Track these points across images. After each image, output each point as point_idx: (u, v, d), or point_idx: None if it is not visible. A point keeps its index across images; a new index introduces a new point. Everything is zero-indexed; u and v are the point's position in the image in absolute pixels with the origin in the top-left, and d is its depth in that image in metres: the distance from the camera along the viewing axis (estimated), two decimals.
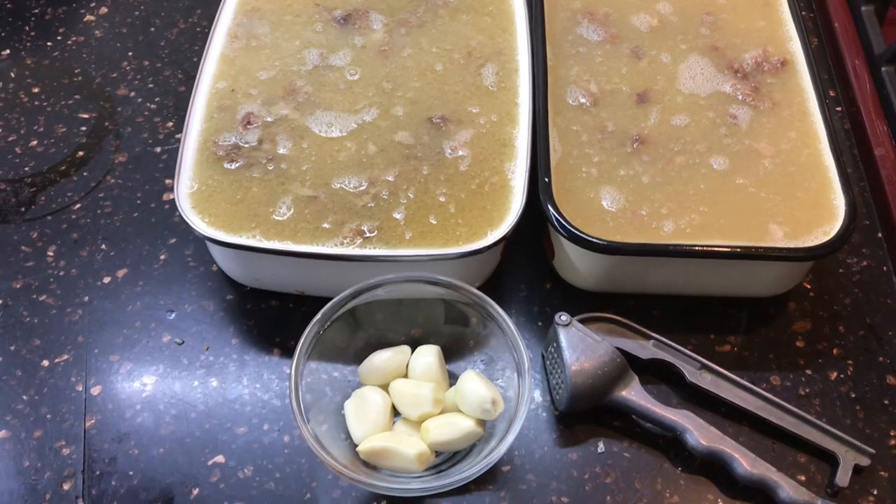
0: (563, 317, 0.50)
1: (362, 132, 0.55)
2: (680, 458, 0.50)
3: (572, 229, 0.50)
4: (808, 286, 0.58)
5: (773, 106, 0.57)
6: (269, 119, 0.55)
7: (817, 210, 0.52)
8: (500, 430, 0.47)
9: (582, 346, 0.49)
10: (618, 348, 0.50)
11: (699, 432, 0.49)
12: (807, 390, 0.53)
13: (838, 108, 0.67)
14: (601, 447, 0.51)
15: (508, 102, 0.57)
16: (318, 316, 0.47)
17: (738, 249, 0.49)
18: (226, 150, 0.54)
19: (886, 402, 0.53)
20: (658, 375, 0.53)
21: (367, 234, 0.50)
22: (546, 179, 0.52)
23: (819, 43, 0.72)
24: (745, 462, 0.48)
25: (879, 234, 0.60)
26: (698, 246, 0.49)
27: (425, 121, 0.56)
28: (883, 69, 0.66)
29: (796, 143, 0.55)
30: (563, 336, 0.50)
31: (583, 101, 0.57)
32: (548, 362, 0.53)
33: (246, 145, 0.54)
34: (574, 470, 0.50)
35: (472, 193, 0.52)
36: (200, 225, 0.50)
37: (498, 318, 0.48)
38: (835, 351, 0.55)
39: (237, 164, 0.53)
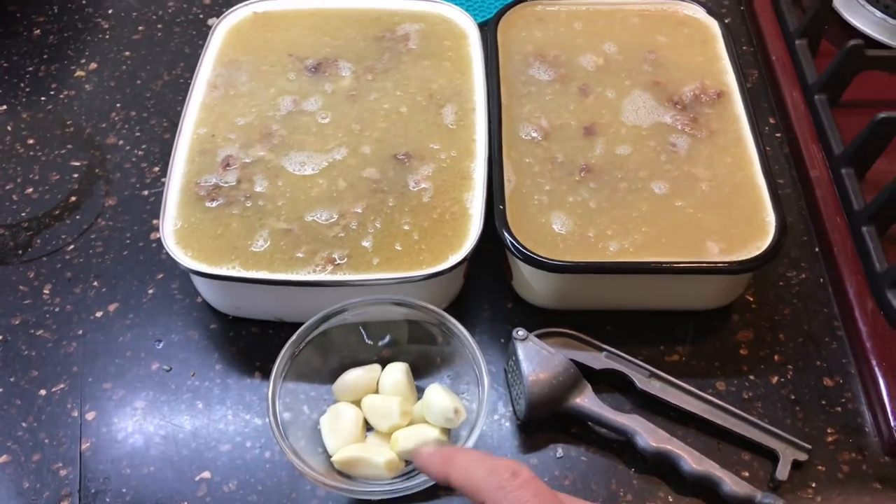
0: (521, 332, 0.55)
1: (333, 169, 0.60)
2: (633, 459, 0.54)
3: (526, 252, 0.54)
4: (751, 298, 0.62)
5: (710, 134, 0.62)
6: (246, 160, 0.60)
7: (750, 227, 0.57)
8: (463, 437, 0.51)
9: (538, 359, 0.54)
10: (572, 360, 0.55)
11: (648, 434, 0.53)
12: (750, 394, 0.57)
13: (778, 135, 0.73)
14: (560, 452, 0.55)
15: (466, 139, 0.62)
16: (291, 340, 0.52)
17: (674, 264, 0.54)
18: (207, 191, 0.58)
19: (823, 402, 0.57)
20: (611, 384, 0.57)
21: (338, 262, 0.55)
22: (501, 207, 0.56)
23: (759, 74, 0.78)
24: (692, 460, 0.52)
25: (816, 249, 0.65)
26: (638, 263, 0.54)
27: (391, 157, 0.61)
28: (816, 97, 0.71)
29: (731, 168, 0.60)
30: (521, 350, 0.54)
31: (534, 135, 0.62)
32: (509, 375, 0.57)
33: (226, 185, 0.59)
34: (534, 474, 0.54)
35: (433, 222, 0.57)
36: (184, 259, 0.54)
37: (459, 334, 0.52)
38: (776, 357, 0.59)
39: (217, 203, 0.58)
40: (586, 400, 0.54)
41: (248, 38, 0.69)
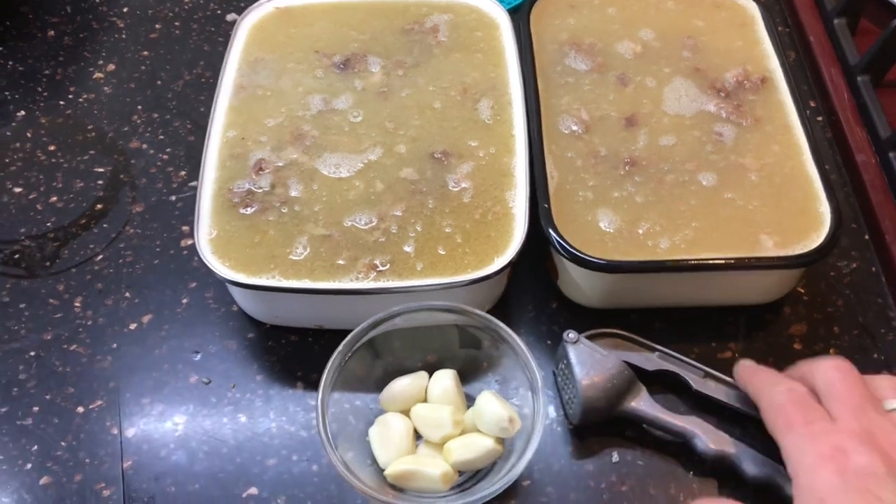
0: (571, 334, 0.53)
1: (369, 171, 0.58)
2: (691, 462, 0.53)
3: (573, 251, 0.52)
4: (802, 291, 0.60)
5: (755, 122, 0.60)
6: (279, 164, 0.58)
7: (804, 219, 0.55)
8: (519, 447, 0.49)
9: (591, 362, 0.52)
10: (624, 361, 0.53)
11: (707, 436, 0.51)
12: None
13: (819, 118, 0.71)
14: (615, 457, 0.53)
15: (505, 134, 0.60)
16: (340, 348, 0.50)
17: (732, 261, 0.52)
18: (240, 197, 0.56)
19: None
20: (664, 385, 0.55)
21: (380, 268, 0.53)
22: (546, 205, 0.55)
23: (797, 56, 0.75)
24: (753, 463, 0.50)
25: (866, 237, 0.63)
26: (693, 260, 0.52)
27: (427, 156, 0.59)
28: (859, 78, 0.69)
29: (780, 157, 0.58)
30: (573, 353, 0.52)
31: (575, 128, 0.60)
32: (559, 379, 0.55)
33: (259, 190, 0.57)
34: (591, 480, 0.52)
35: (476, 223, 0.55)
36: (222, 269, 0.53)
37: (509, 339, 0.51)
38: (831, 351, 0.57)
39: (252, 209, 0.56)
40: (642, 403, 0.52)
41: (271, 35, 0.67)
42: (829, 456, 0.42)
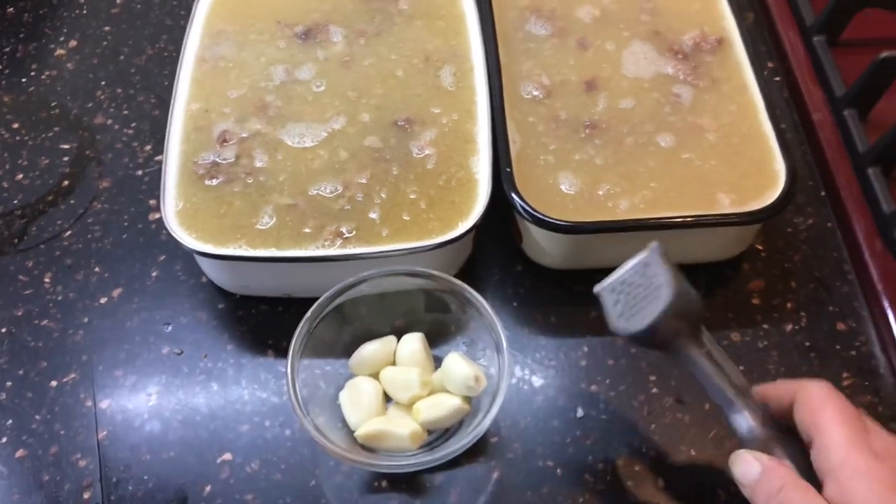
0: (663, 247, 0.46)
1: (333, 140, 0.59)
2: (652, 415, 0.54)
3: (536, 214, 0.53)
4: (760, 247, 0.62)
5: (712, 83, 0.61)
6: (243, 135, 0.59)
7: (761, 177, 0.56)
8: (485, 405, 0.50)
9: (679, 276, 0.45)
10: None
11: (754, 417, 0.44)
12: (765, 343, 0.57)
13: (777, 79, 0.72)
14: (580, 412, 0.55)
15: (467, 101, 0.60)
16: (308, 314, 0.51)
17: (689, 219, 0.53)
18: (206, 169, 0.57)
19: (838, 346, 0.57)
20: None
21: (346, 235, 0.54)
22: (508, 170, 0.55)
23: (755, 17, 0.76)
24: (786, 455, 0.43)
25: (822, 193, 0.65)
26: (651, 219, 0.54)
27: (391, 124, 0.59)
28: (814, 39, 0.70)
29: (737, 116, 0.59)
30: (662, 259, 0.45)
31: (536, 93, 0.61)
32: (617, 288, 0.47)
33: (224, 162, 0.57)
34: (556, 435, 0.54)
35: (440, 189, 0.56)
36: (189, 241, 0.53)
37: (475, 302, 0.52)
38: (788, 305, 0.59)
39: (218, 181, 0.56)
40: (704, 350, 0.44)
41: (233, 8, 0.67)
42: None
